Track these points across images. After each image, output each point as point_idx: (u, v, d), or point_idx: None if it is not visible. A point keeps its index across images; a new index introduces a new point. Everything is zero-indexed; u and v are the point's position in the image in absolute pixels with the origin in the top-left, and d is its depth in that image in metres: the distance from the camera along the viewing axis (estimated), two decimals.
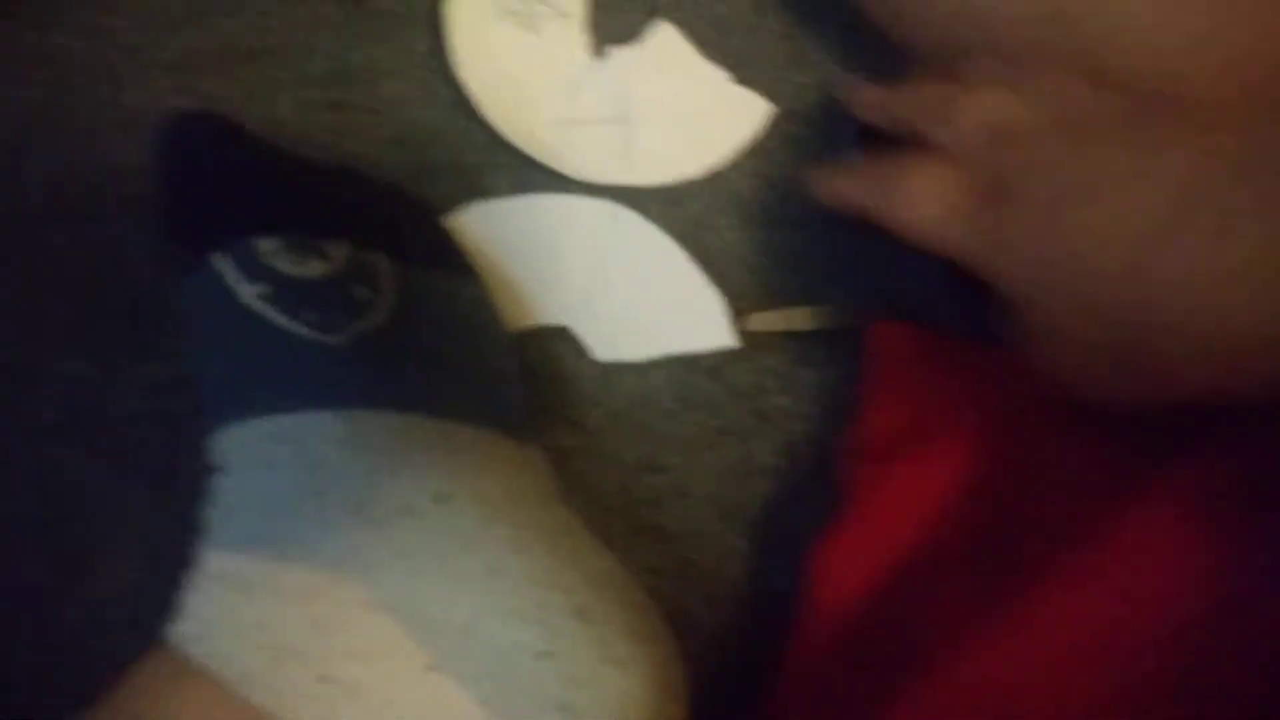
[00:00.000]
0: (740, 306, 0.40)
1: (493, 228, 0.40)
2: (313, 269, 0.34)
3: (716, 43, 0.42)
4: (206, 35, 0.41)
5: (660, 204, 0.41)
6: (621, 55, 0.41)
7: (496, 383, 0.36)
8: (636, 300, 0.39)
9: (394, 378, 0.33)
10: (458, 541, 0.31)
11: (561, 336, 0.39)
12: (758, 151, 0.42)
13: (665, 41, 0.42)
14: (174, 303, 0.37)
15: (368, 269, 0.34)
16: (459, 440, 0.33)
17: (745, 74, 0.42)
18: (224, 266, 0.34)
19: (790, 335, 0.39)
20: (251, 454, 0.32)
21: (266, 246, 0.34)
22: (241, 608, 0.30)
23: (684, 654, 0.33)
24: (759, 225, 0.41)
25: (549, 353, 0.39)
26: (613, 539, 0.36)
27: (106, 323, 0.38)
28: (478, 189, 0.41)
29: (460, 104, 0.41)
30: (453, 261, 0.37)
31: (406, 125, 0.41)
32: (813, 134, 0.42)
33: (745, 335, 0.39)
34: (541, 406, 0.38)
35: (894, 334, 0.37)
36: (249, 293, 0.33)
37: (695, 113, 0.41)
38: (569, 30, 0.42)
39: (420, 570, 0.30)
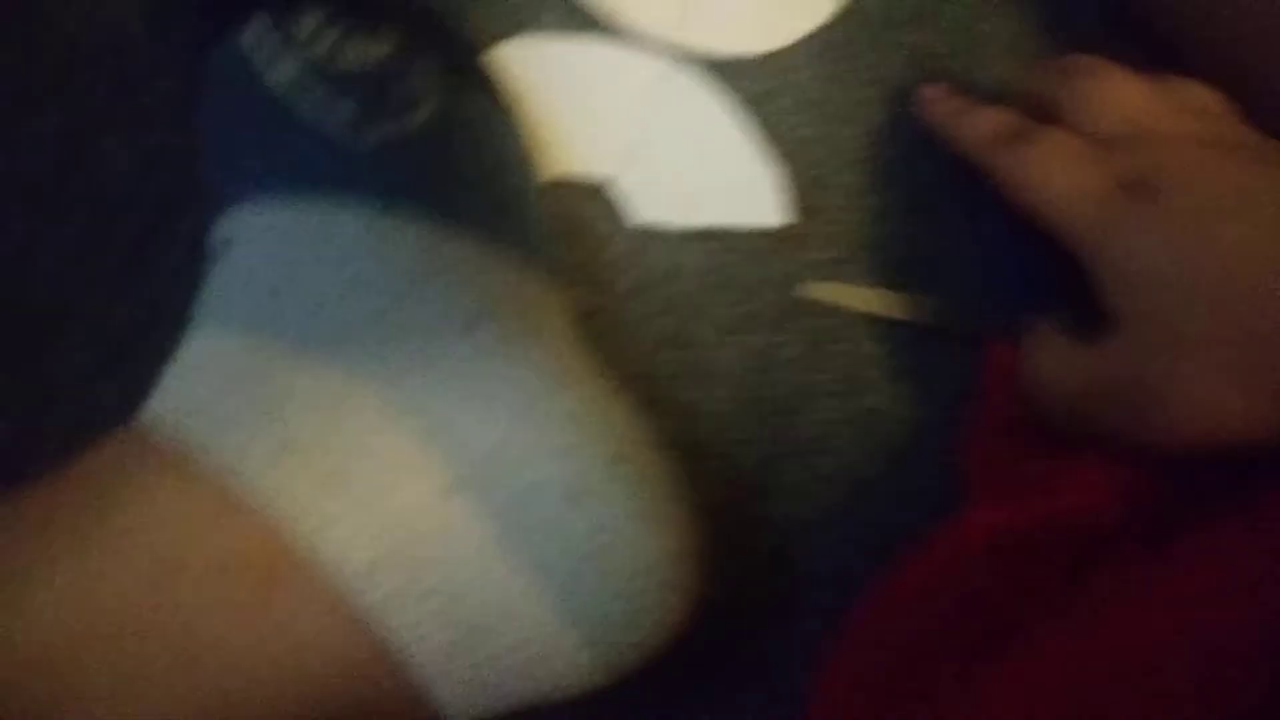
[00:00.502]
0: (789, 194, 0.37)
1: (533, 66, 0.36)
2: (357, 55, 0.30)
3: None
4: None
5: (717, 75, 0.37)
6: None
7: (528, 219, 0.32)
8: (681, 165, 0.36)
9: (426, 187, 0.29)
10: (489, 364, 0.27)
11: (595, 194, 0.36)
12: (822, 42, 0.39)
13: None
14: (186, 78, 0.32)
15: (413, 69, 0.30)
16: (493, 263, 0.29)
17: None
18: (252, 45, 0.29)
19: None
20: (266, 237, 0.28)
21: (306, 22, 0.29)
22: (237, 394, 0.25)
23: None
24: (817, 120, 0.38)
25: (580, 210, 0.36)
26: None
27: (84, 95, 0.33)
28: (517, 24, 0.37)
29: None
30: (493, 91, 0.33)
31: None
32: (878, 35, 0.39)
33: (803, 303, 0.35)
34: (567, 264, 0.34)
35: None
36: (275, 76, 0.29)
37: None
38: None
39: (449, 385, 0.26)
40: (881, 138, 0.38)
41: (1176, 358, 0.28)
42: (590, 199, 0.36)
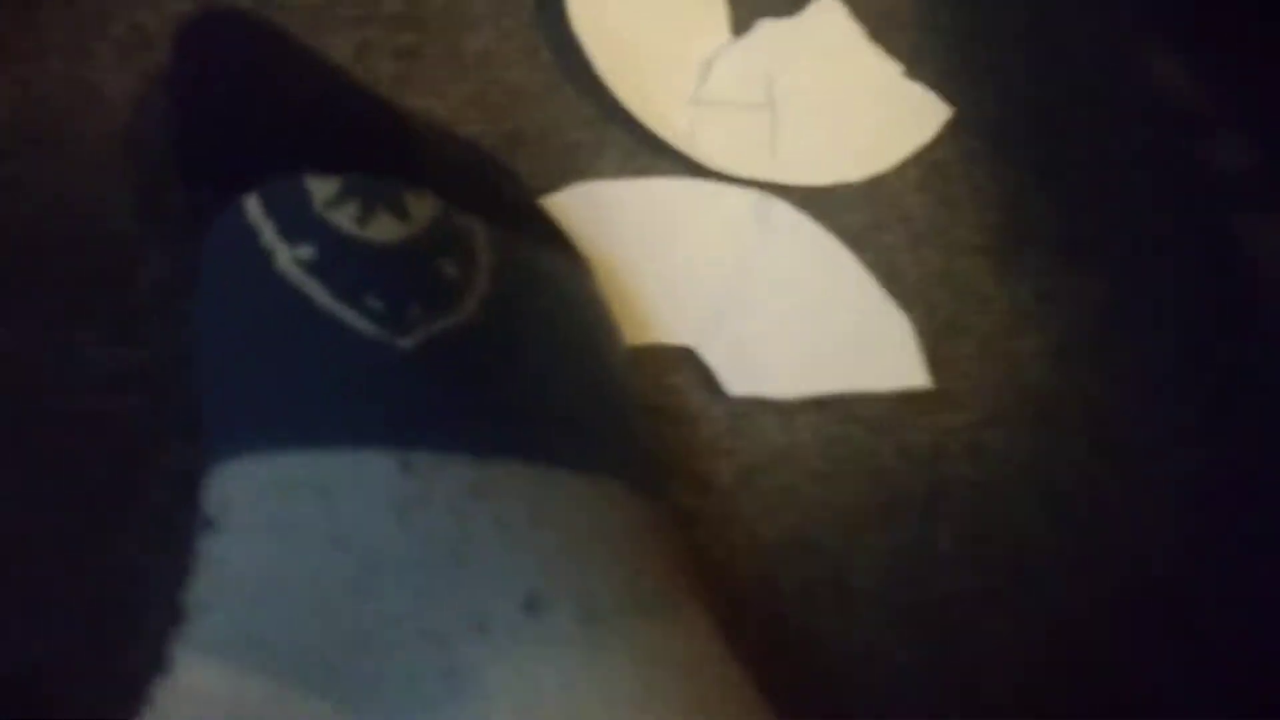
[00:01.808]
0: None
1: (598, 215, 0.29)
2: (383, 229, 0.22)
3: (883, 36, 0.33)
4: None
5: (809, 210, 0.30)
6: (772, 30, 0.32)
7: (615, 407, 0.24)
8: (787, 319, 0.28)
9: (484, 403, 0.22)
10: (551, 677, 0.19)
11: (682, 362, 0.28)
12: (929, 162, 0.32)
13: (829, 20, 0.32)
14: (173, 266, 0.25)
15: (459, 236, 0.23)
16: (567, 499, 0.21)
17: (916, 73, 0.33)
18: (259, 214, 0.22)
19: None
20: (257, 508, 0.20)
21: (323, 190, 0.22)
22: None
23: None
24: (929, 247, 0.31)
25: (664, 383, 0.28)
26: (744, 637, 0.24)
27: (54, 290, 0.26)
28: (578, 170, 0.30)
29: (562, 70, 0.31)
30: (559, 239, 0.26)
31: (492, 85, 0.30)
32: (992, 149, 0.32)
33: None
34: (658, 455, 0.27)
35: None
36: (290, 256, 0.22)
37: (856, 106, 0.32)
38: (709, 1, 0.32)
39: (507, 700, 0.18)
40: (1011, 289, 0.31)
41: None
42: (679, 368, 0.28)
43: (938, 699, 0.26)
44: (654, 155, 0.31)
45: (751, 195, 0.30)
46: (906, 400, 0.29)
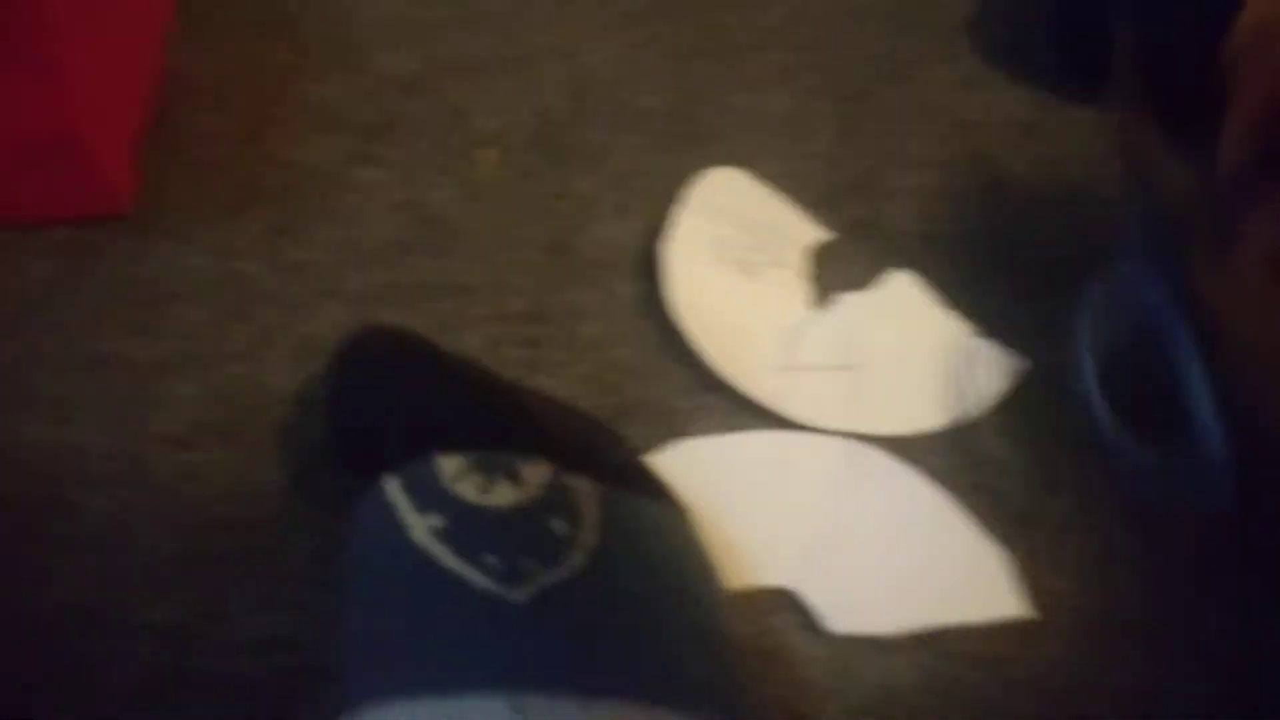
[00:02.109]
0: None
1: (699, 469, 0.32)
2: (502, 496, 0.26)
3: (949, 299, 0.37)
4: (401, 271, 0.37)
5: (893, 456, 0.33)
6: (852, 301, 0.36)
7: (715, 649, 0.26)
8: (883, 558, 0.30)
9: (590, 648, 0.24)
10: None
11: (783, 604, 0.30)
12: (1008, 409, 0.34)
13: (902, 289, 0.36)
14: (319, 541, 0.29)
15: (568, 496, 0.27)
16: None
17: (982, 330, 0.36)
18: (397, 491, 0.27)
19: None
20: None
21: (450, 466, 0.27)
22: None
23: None
24: (1017, 487, 0.32)
25: (766, 624, 0.30)
26: None
27: (216, 564, 0.30)
28: (680, 432, 0.34)
29: (664, 347, 0.35)
30: (662, 491, 0.29)
31: (604, 364, 0.35)
32: (1061, 394, 0.34)
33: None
34: (761, 695, 0.28)
35: None
36: (423, 526, 0.26)
37: (934, 364, 0.35)
38: (789, 280, 0.37)
39: None
40: (1095, 498, 0.32)
41: None
42: (781, 610, 0.30)
43: None
44: (749, 417, 0.34)
45: (842, 443, 0.32)
46: (1011, 633, 0.30)
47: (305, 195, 0.38)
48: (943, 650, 0.29)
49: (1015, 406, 0.34)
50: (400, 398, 0.30)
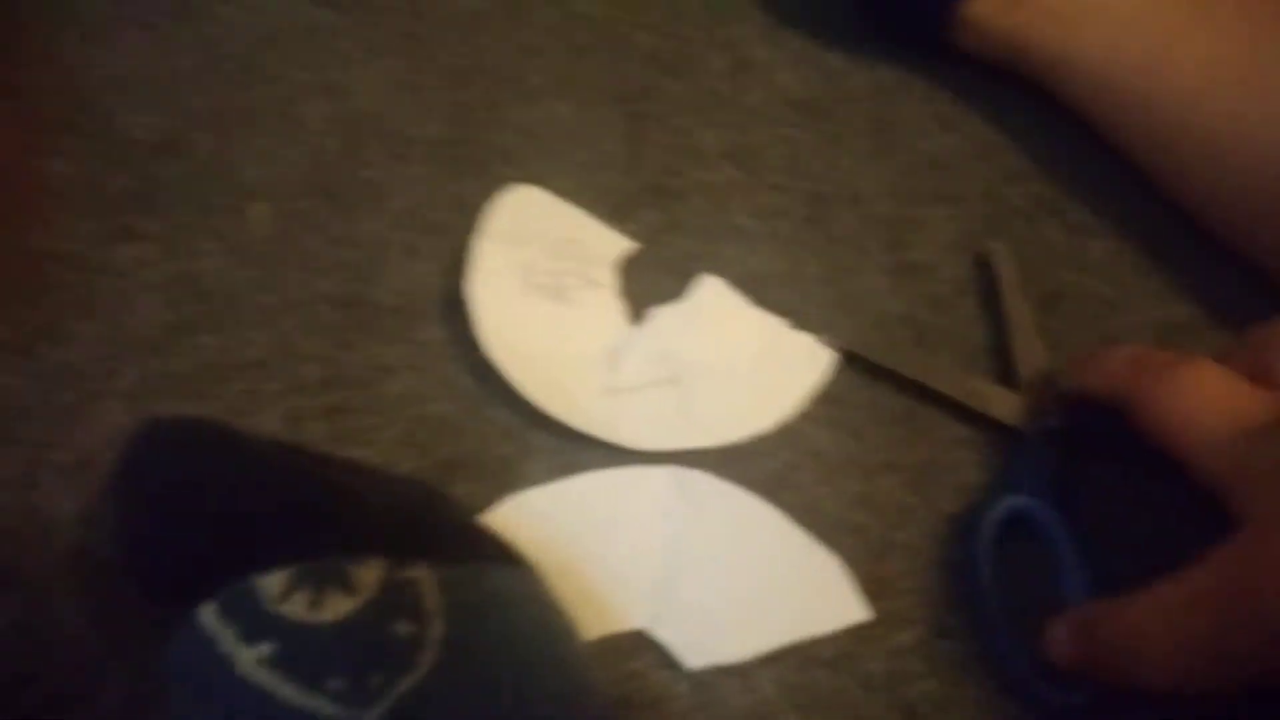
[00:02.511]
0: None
1: (534, 522, 0.31)
2: (335, 608, 0.24)
3: (758, 295, 0.36)
4: (179, 356, 0.34)
5: (729, 467, 0.32)
6: (665, 315, 0.35)
7: (585, 704, 0.25)
8: (726, 582, 0.30)
9: None
10: None
11: (641, 645, 0.29)
12: (828, 398, 0.34)
13: (713, 295, 0.35)
14: (136, 681, 0.26)
15: (407, 591, 0.25)
16: None
17: (798, 321, 0.36)
18: (215, 622, 0.24)
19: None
20: None
21: (273, 585, 0.24)
22: None
23: None
24: (844, 476, 0.32)
25: (625, 669, 0.29)
26: None
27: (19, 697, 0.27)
28: (511, 482, 0.32)
29: (480, 394, 0.34)
30: (504, 554, 0.28)
31: (417, 422, 0.33)
32: (878, 378, 0.35)
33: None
34: None
35: None
36: (250, 658, 0.23)
37: (756, 364, 0.34)
38: (603, 299, 0.36)
39: None
40: (922, 474, 0.32)
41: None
42: (636, 653, 0.29)
43: None
44: (579, 449, 0.33)
45: (671, 472, 0.32)
46: (860, 631, 0.30)
47: (60, 287, 0.34)
48: (798, 660, 0.29)
49: (835, 395, 0.34)
50: (201, 502, 0.27)
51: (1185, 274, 0.37)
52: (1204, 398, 0.27)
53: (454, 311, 0.35)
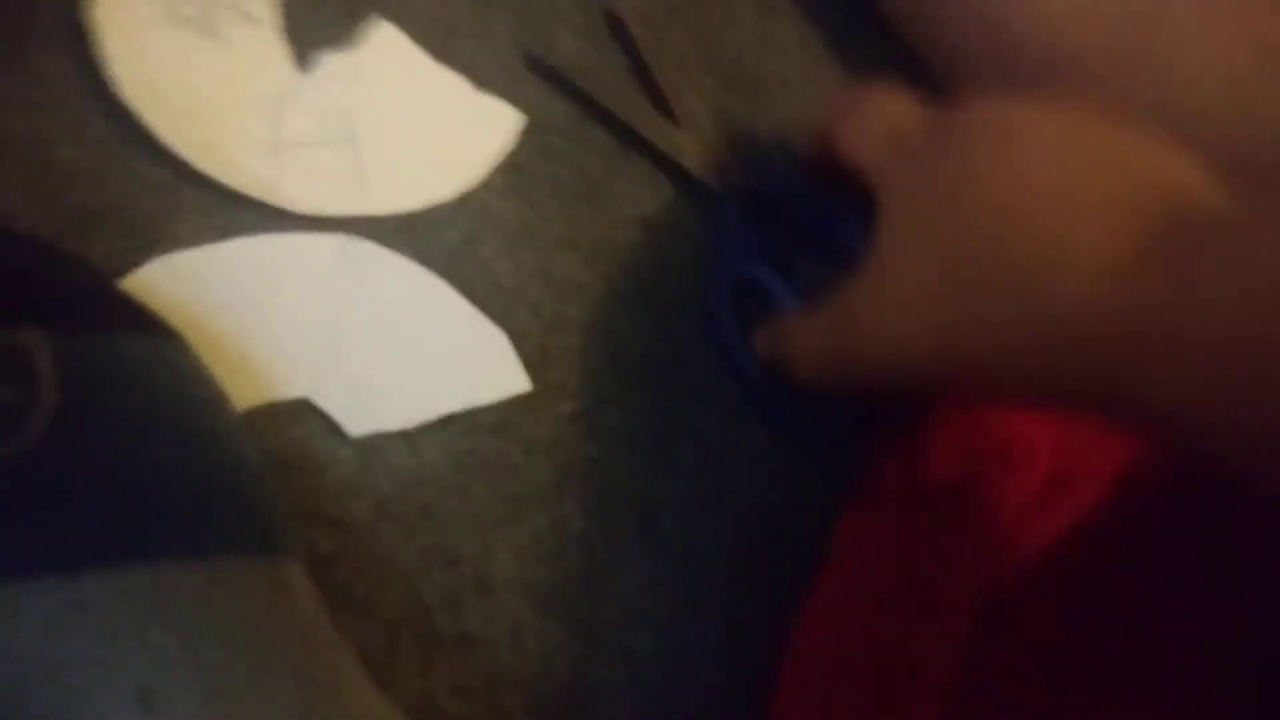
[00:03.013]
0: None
1: (185, 286, 0.28)
2: None
3: (441, 49, 0.34)
4: None
5: (406, 236, 0.31)
6: (335, 64, 0.32)
7: (230, 477, 0.24)
8: (391, 353, 0.29)
9: (64, 520, 0.21)
10: None
11: (300, 413, 0.29)
12: (511, 167, 0.33)
13: (387, 45, 0.33)
14: None
15: (15, 356, 0.22)
16: (176, 591, 0.22)
17: (481, 81, 0.34)
18: None
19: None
20: None
21: None
22: None
23: None
24: (524, 249, 0.32)
25: (286, 436, 0.29)
26: (402, 662, 0.25)
27: None
28: (158, 241, 0.29)
29: (119, 140, 0.30)
30: (141, 321, 0.25)
31: (43, 167, 0.29)
32: (568, 144, 0.34)
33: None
34: (292, 507, 0.27)
35: None
36: None
37: (434, 126, 0.33)
38: (262, 38, 0.32)
39: None
40: (599, 253, 0.33)
41: (881, 288, 0.28)
42: (298, 420, 0.29)
43: (592, 659, 0.29)
44: (235, 209, 0.30)
45: (336, 240, 0.30)
46: (525, 400, 0.31)
47: None
48: (465, 427, 0.30)
49: (518, 164, 0.33)
50: None
51: (862, 64, 0.38)
52: (878, 119, 0.30)
53: (75, 40, 0.30)
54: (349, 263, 0.30)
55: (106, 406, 0.23)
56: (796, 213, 0.33)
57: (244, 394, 0.28)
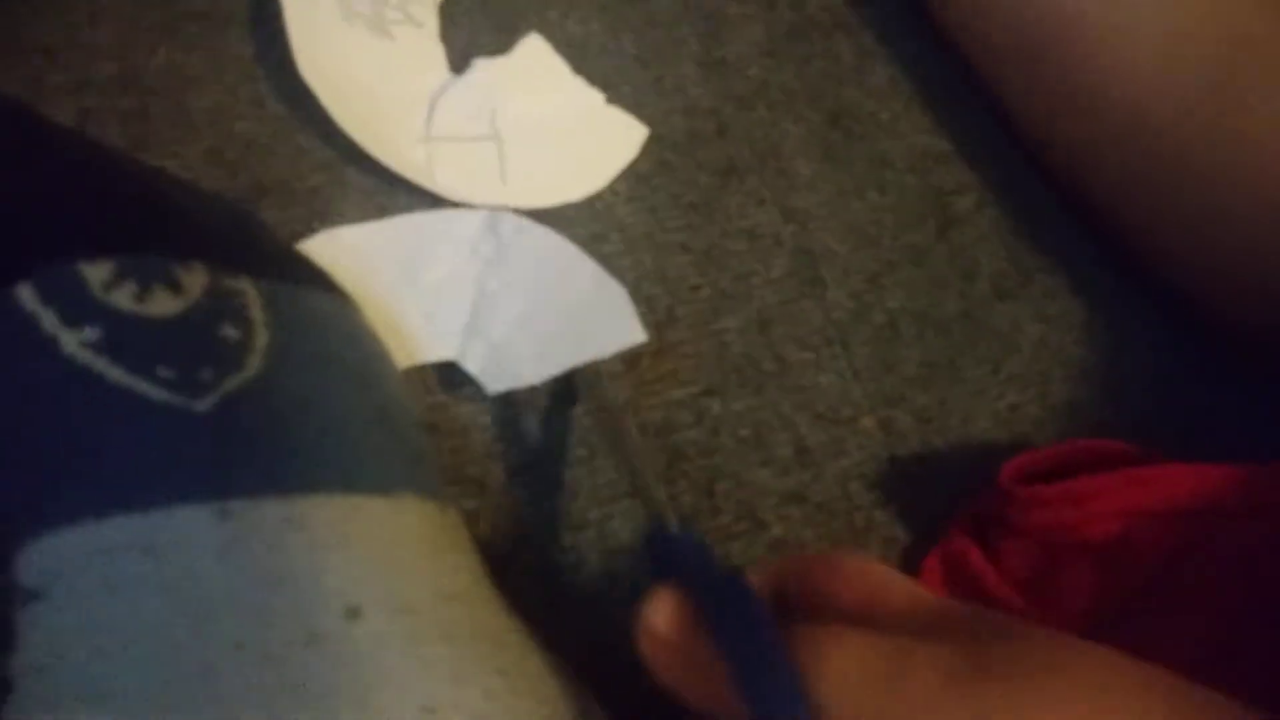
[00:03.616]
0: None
1: (346, 256, 0.31)
2: (162, 305, 0.24)
3: (576, 63, 0.37)
4: None
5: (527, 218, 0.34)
6: (488, 68, 0.35)
7: (401, 428, 0.27)
8: (527, 314, 0.32)
9: (280, 448, 0.24)
10: (379, 672, 0.22)
11: (448, 379, 0.31)
12: (633, 175, 0.36)
13: (536, 55, 0.36)
14: None
15: (233, 299, 0.25)
16: (371, 519, 0.24)
17: (611, 96, 0.37)
18: (35, 303, 0.23)
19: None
20: (86, 574, 0.21)
21: (98, 274, 0.23)
22: None
23: None
24: (642, 251, 0.35)
25: (436, 401, 0.31)
26: (523, 611, 0.28)
27: None
28: (323, 214, 0.32)
29: (292, 119, 0.32)
30: (322, 280, 0.28)
31: (225, 140, 0.32)
32: (682, 158, 0.37)
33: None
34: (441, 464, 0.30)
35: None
36: (75, 340, 0.22)
37: (570, 132, 0.35)
38: (424, 40, 0.35)
39: (334, 718, 0.21)
40: (709, 258, 0.36)
41: None
42: (447, 385, 0.31)
43: None
44: (393, 192, 0.33)
45: (482, 214, 0.33)
46: (642, 384, 0.33)
47: None
48: (589, 407, 0.32)
49: (641, 174, 0.36)
50: (12, 179, 0.25)
51: (952, 109, 0.42)
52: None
53: (264, 26, 0.32)
54: (493, 234, 0.32)
55: (304, 350, 0.26)
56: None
57: (398, 357, 0.30)
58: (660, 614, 0.24)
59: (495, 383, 0.31)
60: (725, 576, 0.23)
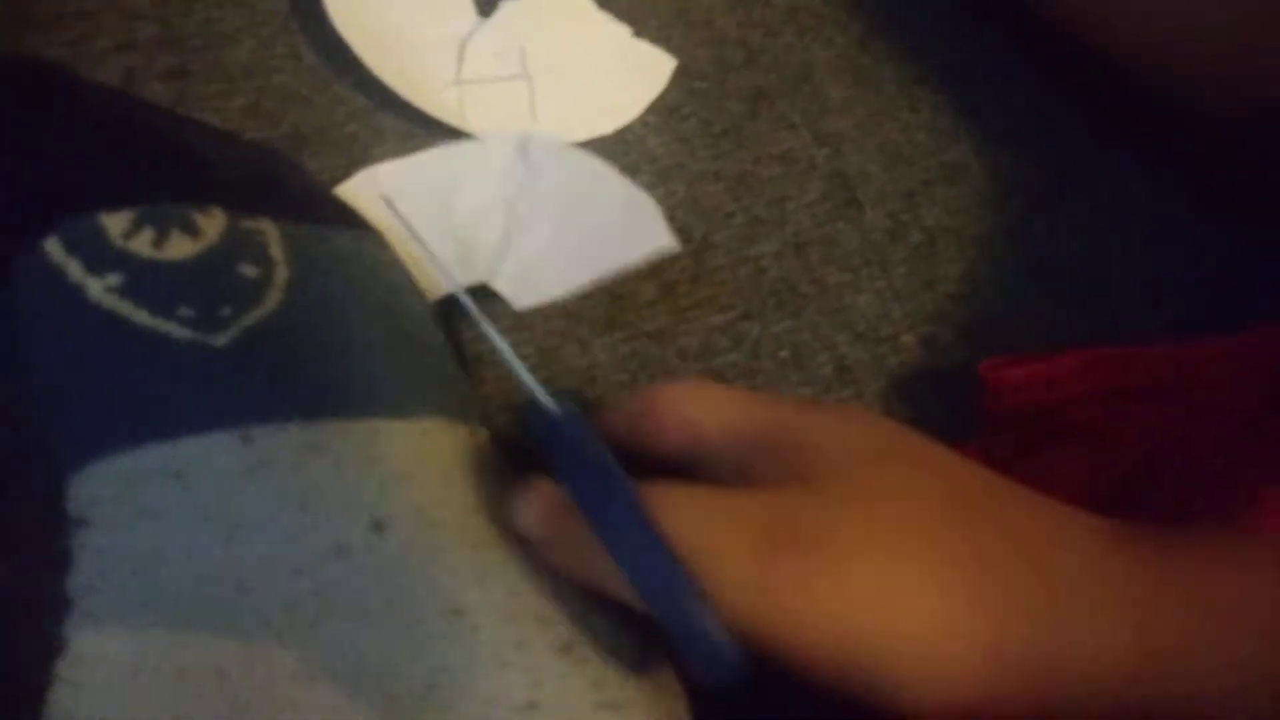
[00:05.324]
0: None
1: (385, 192, 0.31)
2: (180, 248, 0.24)
3: (607, 2, 0.36)
4: None
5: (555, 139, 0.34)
6: (513, 8, 0.35)
7: (426, 355, 0.27)
8: (557, 230, 0.32)
9: (300, 376, 0.24)
10: (406, 578, 0.23)
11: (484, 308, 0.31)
12: (663, 107, 0.36)
13: None
14: None
15: (252, 239, 0.25)
16: (393, 440, 0.25)
17: (638, 29, 0.36)
18: (61, 254, 0.24)
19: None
20: (123, 500, 0.22)
21: (118, 224, 0.24)
22: (131, 696, 0.20)
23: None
24: (675, 180, 0.35)
25: (472, 333, 0.31)
26: None
27: None
28: (360, 159, 0.32)
29: (327, 69, 0.33)
30: (347, 219, 0.28)
31: (264, 93, 0.32)
32: (712, 86, 0.37)
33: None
34: (479, 393, 0.30)
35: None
36: (100, 286, 0.23)
37: (598, 68, 0.35)
38: None
39: (363, 623, 0.22)
40: (742, 184, 0.36)
41: None
42: (491, 317, 0.31)
43: None
44: (428, 134, 0.33)
45: (513, 140, 0.33)
46: (679, 311, 0.33)
47: None
48: (629, 333, 0.32)
49: (670, 105, 0.36)
50: (41, 139, 0.26)
51: (979, 25, 0.40)
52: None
53: None
54: (524, 158, 0.32)
55: (328, 284, 0.26)
56: None
57: (436, 286, 0.31)
58: (532, 511, 0.23)
59: (523, 299, 0.31)
60: (591, 460, 0.22)
